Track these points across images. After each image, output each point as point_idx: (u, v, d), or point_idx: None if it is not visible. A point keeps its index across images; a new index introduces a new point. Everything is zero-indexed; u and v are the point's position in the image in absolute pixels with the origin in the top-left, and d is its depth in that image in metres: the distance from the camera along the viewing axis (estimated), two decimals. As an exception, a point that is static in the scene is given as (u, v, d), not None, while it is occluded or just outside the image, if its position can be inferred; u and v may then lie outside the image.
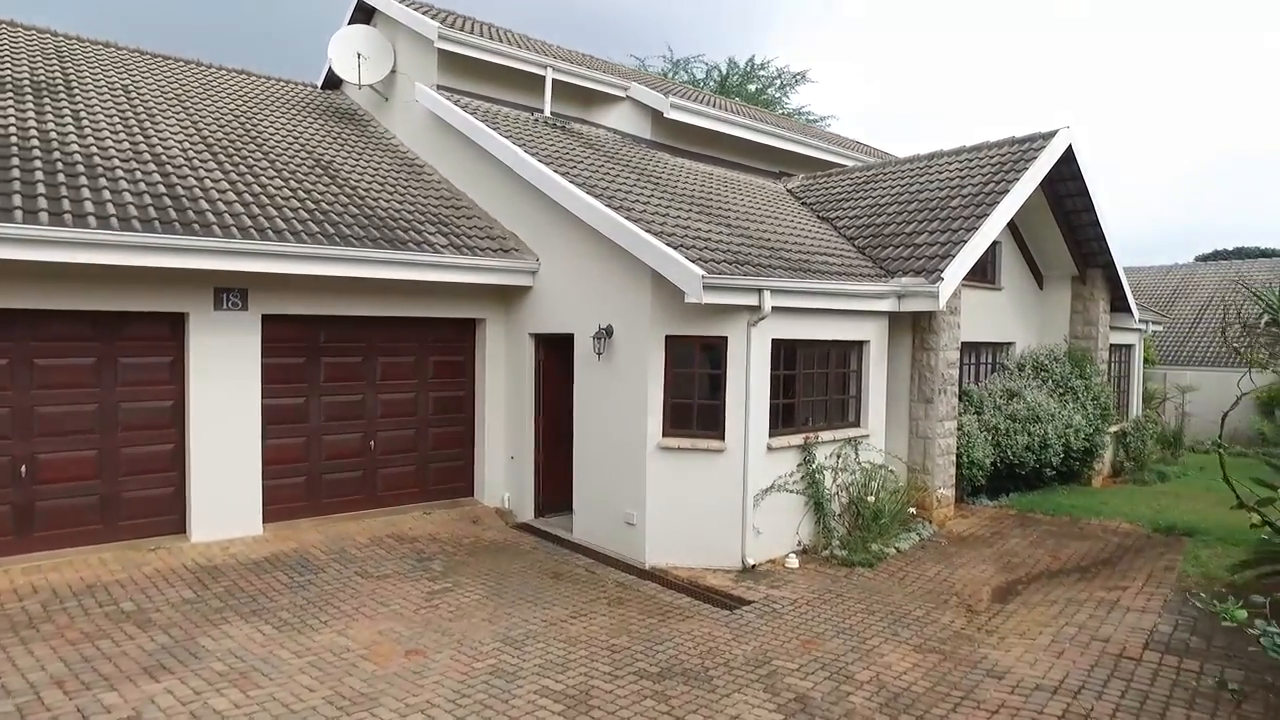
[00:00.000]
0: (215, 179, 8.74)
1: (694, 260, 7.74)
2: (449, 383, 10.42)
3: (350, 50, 12.63)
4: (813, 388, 9.26)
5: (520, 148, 9.88)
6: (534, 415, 10.06)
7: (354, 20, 13.39)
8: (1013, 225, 12.39)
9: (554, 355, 9.90)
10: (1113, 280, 13.37)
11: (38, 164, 7.62)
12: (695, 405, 8.43)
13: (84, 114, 9.30)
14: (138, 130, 9.39)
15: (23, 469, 7.53)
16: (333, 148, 11.22)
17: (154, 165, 8.55)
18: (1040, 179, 11.21)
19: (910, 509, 9.66)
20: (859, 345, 9.69)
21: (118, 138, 8.95)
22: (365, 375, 9.69)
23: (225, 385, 8.39)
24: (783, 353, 8.73)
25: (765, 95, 31.37)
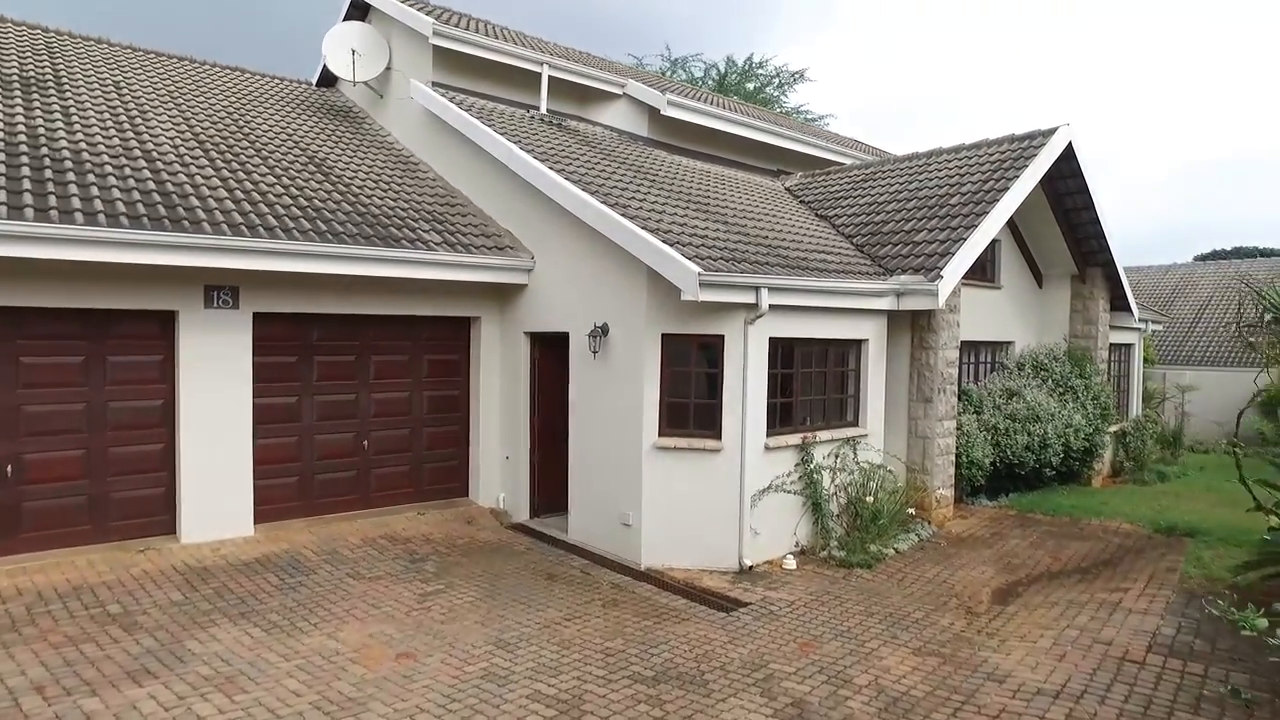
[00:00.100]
0: (207, 176, 8.63)
1: (690, 257, 7.64)
2: (443, 382, 10.31)
3: (345, 47, 12.53)
4: (811, 387, 9.17)
5: (515, 145, 9.78)
6: (529, 415, 9.95)
7: (349, 17, 13.27)
8: (1012, 224, 12.31)
9: (549, 354, 9.79)
10: (1112, 279, 13.28)
11: (24, 160, 7.51)
12: (692, 405, 8.33)
13: (74, 110, 9.19)
14: (128, 126, 9.28)
15: (9, 469, 7.41)
16: (326, 145, 11.12)
17: (144, 162, 8.43)
18: (1040, 177, 11.12)
19: (909, 509, 9.56)
20: (857, 344, 9.60)
21: (108, 134, 8.84)
22: (358, 374, 9.58)
23: (216, 384, 8.28)
24: (780, 351, 8.63)
25: (763, 94, 31.28)
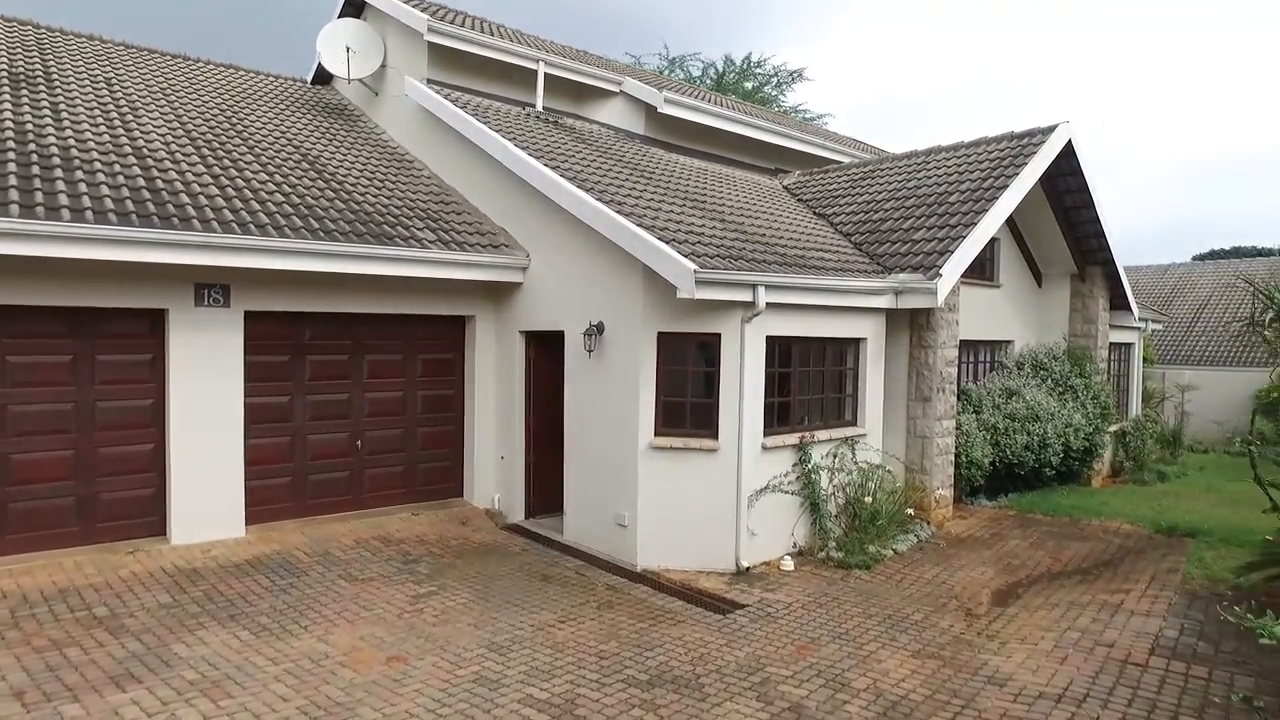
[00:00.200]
0: (198, 173, 8.53)
1: (687, 255, 7.55)
2: (438, 381, 10.21)
3: (339, 44, 12.41)
4: (808, 386, 9.07)
5: (510, 142, 9.69)
6: (524, 414, 9.86)
7: (344, 14, 13.17)
8: (1011, 222, 12.22)
9: (545, 353, 9.69)
10: (1112, 278, 13.20)
11: (11, 156, 7.40)
12: (688, 404, 8.23)
13: (63, 106, 9.08)
14: (119, 123, 9.18)
15: (-5, 470, 7.32)
16: (320, 142, 11.01)
17: (134, 159, 8.33)
18: (1040, 174, 11.03)
19: (908, 510, 9.47)
20: (856, 343, 9.50)
21: (97, 130, 8.74)
22: (352, 373, 9.48)
23: (207, 384, 8.18)
24: (778, 350, 8.54)
25: (761, 93, 31.19)
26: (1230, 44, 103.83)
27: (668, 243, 7.70)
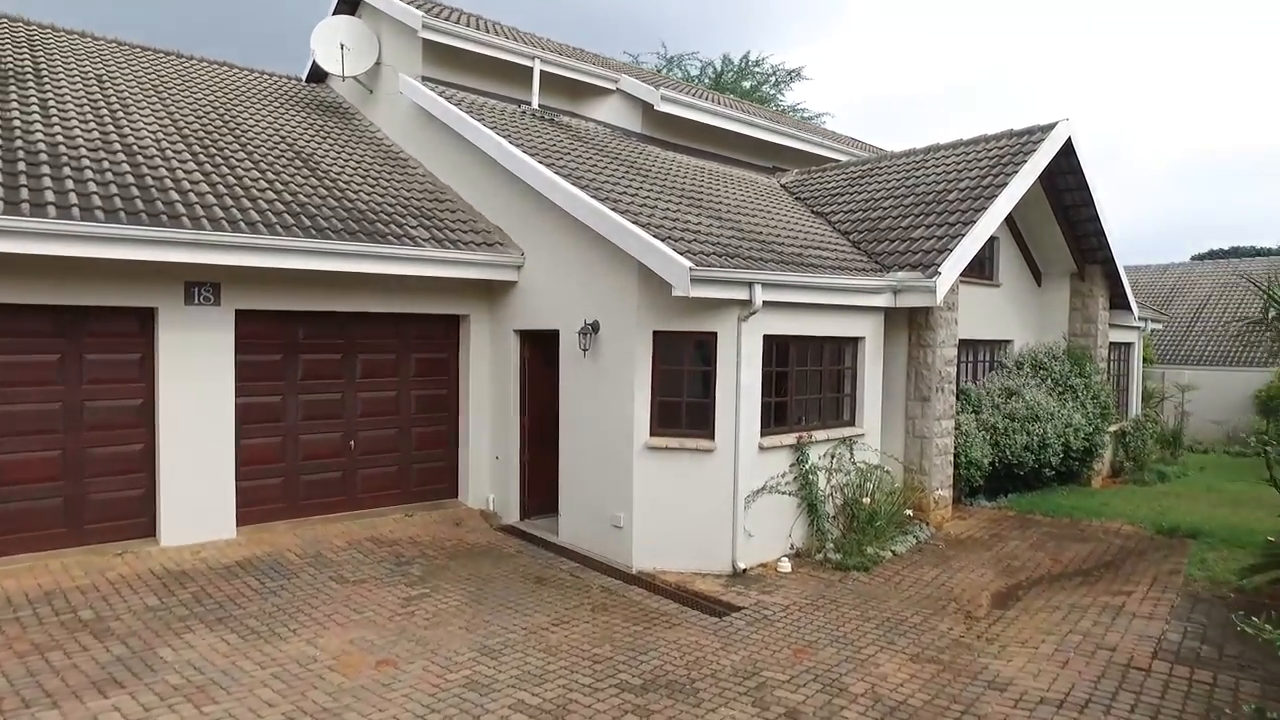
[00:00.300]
0: (188, 170, 8.42)
1: (682, 252, 7.45)
2: (432, 381, 10.11)
3: (333, 41, 12.31)
4: (806, 385, 8.97)
5: (505, 139, 9.59)
6: (519, 414, 9.75)
7: (339, 10, 13.05)
8: (1011, 221, 12.14)
9: (540, 352, 9.59)
10: (1112, 277, 13.11)
11: (-3, 152, 7.31)
12: (684, 404, 8.13)
13: (52, 102, 8.98)
14: (109, 120, 9.07)
15: (-19, 470, 7.21)
16: (314, 140, 10.91)
17: (124, 155, 8.23)
18: (1039, 172, 10.94)
19: (906, 511, 9.37)
20: (854, 342, 9.41)
21: (87, 127, 8.63)
22: (345, 373, 9.37)
23: (197, 383, 8.08)
24: (775, 349, 8.44)
25: (759, 92, 31.10)
26: (1230, 44, 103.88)
27: (663, 240, 7.61)
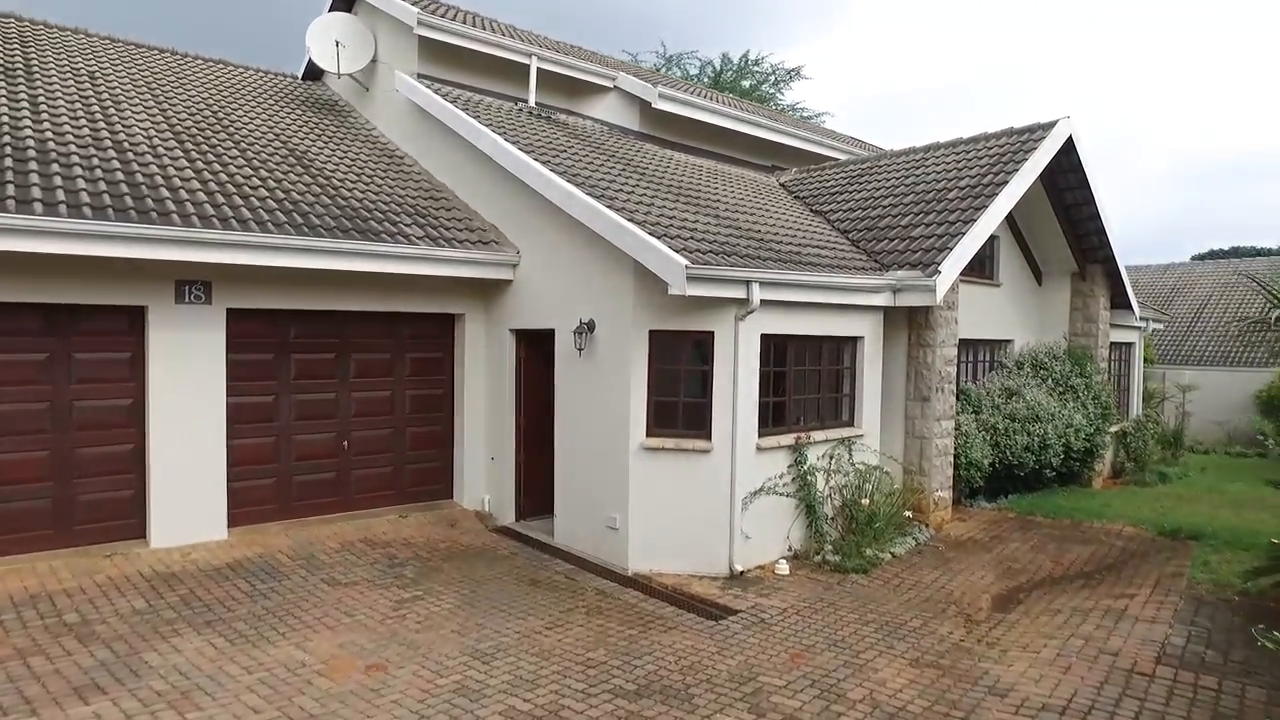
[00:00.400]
0: (180, 168, 8.32)
1: (678, 250, 7.34)
2: (427, 381, 10.01)
3: (329, 39, 12.20)
4: (804, 385, 8.87)
5: (501, 136, 9.49)
6: (515, 414, 9.65)
7: (334, 8, 12.94)
8: (1011, 220, 12.04)
9: (535, 352, 9.49)
10: (1113, 276, 13.01)
11: (-15, 148, 7.21)
12: (680, 404, 8.03)
13: (42, 99, 8.88)
14: (100, 117, 8.97)
15: (-33, 471, 7.11)
16: (309, 138, 10.81)
17: (114, 152, 8.13)
18: (1040, 170, 10.84)
19: (906, 512, 9.27)
20: (853, 341, 9.31)
21: (77, 124, 8.53)
22: (338, 373, 9.27)
23: (188, 383, 7.98)
24: (773, 349, 8.34)
25: (759, 91, 30.99)
26: (1232, 43, 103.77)
27: (659, 238, 7.51)
